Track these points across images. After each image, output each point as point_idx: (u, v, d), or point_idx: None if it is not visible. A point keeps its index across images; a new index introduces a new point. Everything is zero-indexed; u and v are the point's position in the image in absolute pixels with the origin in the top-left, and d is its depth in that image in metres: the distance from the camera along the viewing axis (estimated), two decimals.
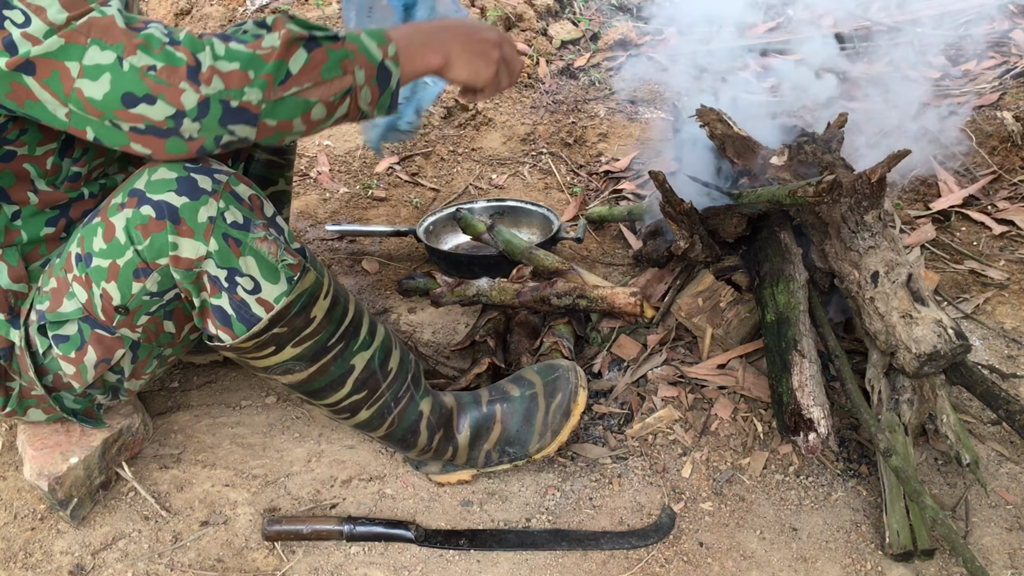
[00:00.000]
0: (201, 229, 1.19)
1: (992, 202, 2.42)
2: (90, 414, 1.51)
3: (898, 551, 1.41)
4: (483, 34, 1.34)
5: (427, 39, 1.29)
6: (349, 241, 2.50)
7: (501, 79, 1.37)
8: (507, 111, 2.98)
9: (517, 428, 1.55)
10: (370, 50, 1.21)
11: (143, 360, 1.39)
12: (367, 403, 1.43)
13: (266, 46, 1.12)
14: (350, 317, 1.37)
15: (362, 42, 1.20)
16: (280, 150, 1.79)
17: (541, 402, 1.56)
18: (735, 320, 1.85)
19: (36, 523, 1.52)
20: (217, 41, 1.11)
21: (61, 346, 1.32)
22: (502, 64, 1.36)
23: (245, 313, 1.25)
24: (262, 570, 1.44)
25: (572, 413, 1.56)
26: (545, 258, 2.04)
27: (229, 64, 1.10)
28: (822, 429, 1.48)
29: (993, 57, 2.97)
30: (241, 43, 1.12)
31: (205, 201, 1.19)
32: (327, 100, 1.18)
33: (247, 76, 1.11)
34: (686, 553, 1.46)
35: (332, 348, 1.35)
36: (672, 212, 1.80)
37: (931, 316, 1.52)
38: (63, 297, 1.29)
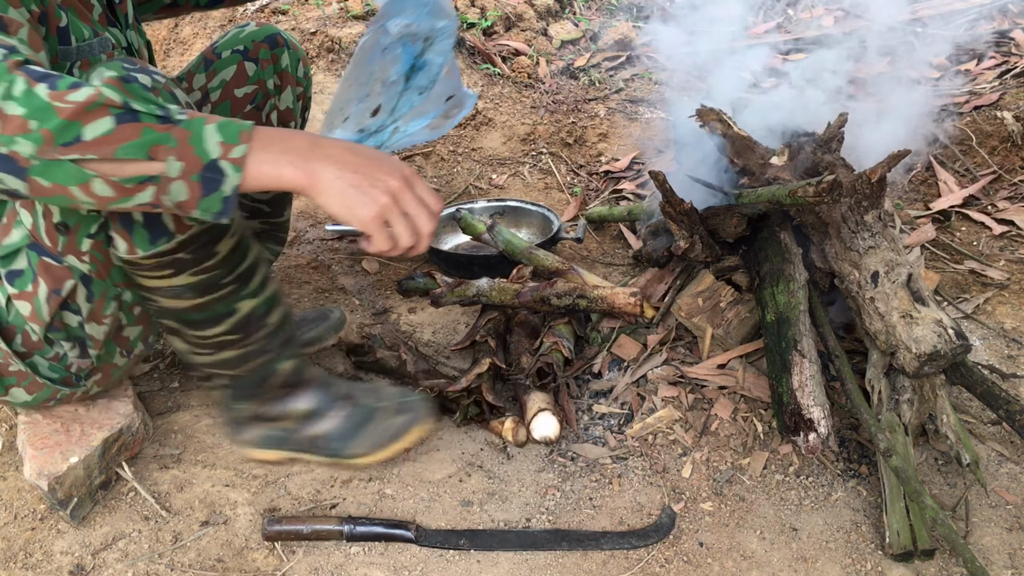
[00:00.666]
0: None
1: (992, 202, 2.42)
2: (69, 383, 1.49)
3: (898, 551, 1.41)
4: (377, 171, 1.14)
5: (298, 150, 1.11)
6: (349, 241, 2.50)
7: (397, 233, 1.16)
8: (507, 111, 2.98)
9: (349, 428, 1.55)
10: (205, 143, 1.05)
11: (99, 299, 1.38)
12: (235, 345, 1.43)
13: (69, 100, 1.02)
14: (248, 263, 1.37)
15: (201, 132, 1.05)
16: None
17: (386, 416, 1.56)
18: (735, 320, 1.85)
19: (36, 523, 1.52)
20: (25, 79, 1.02)
21: (16, 282, 1.33)
22: (396, 214, 1.15)
23: (155, 222, 1.23)
24: (262, 570, 1.44)
25: (404, 438, 1.54)
26: (545, 258, 2.04)
27: (16, 107, 1.01)
28: (822, 429, 1.48)
29: (993, 57, 2.97)
30: (52, 88, 1.02)
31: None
32: (112, 179, 1.05)
33: (26, 125, 1.01)
34: (686, 553, 1.46)
35: (224, 286, 1.35)
36: (672, 212, 1.80)
37: (931, 316, 1.52)
38: (11, 228, 1.31)
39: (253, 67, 1.69)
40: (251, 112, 1.72)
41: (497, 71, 3.13)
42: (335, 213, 1.14)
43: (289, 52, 1.73)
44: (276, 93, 1.74)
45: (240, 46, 1.69)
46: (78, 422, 1.57)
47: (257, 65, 1.69)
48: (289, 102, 1.77)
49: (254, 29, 1.71)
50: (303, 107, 1.82)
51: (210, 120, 1.07)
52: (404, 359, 1.86)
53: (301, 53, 1.77)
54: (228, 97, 1.69)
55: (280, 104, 1.75)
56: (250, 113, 1.72)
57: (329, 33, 3.13)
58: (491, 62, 3.17)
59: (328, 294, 2.24)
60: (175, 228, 1.25)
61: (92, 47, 1.30)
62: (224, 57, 1.68)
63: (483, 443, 1.71)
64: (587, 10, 3.74)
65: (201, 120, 1.07)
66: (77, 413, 1.59)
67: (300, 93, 1.79)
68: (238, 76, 1.68)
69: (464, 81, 2.98)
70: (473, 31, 3.28)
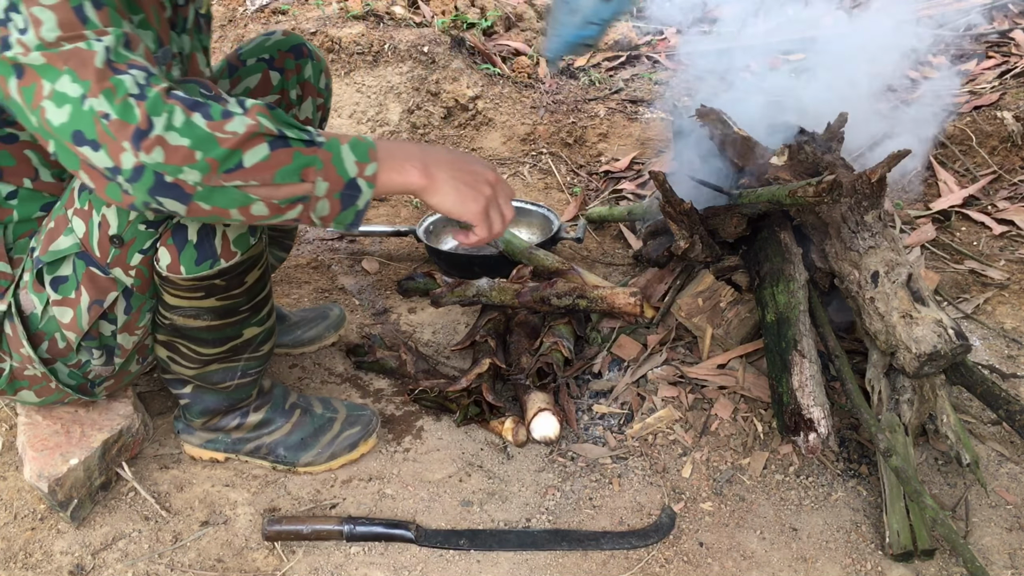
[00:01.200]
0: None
1: (992, 202, 2.42)
2: (84, 390, 1.50)
3: (898, 551, 1.41)
4: (478, 168, 1.28)
5: (414, 156, 1.23)
6: (349, 241, 2.50)
7: (493, 221, 1.29)
8: (507, 111, 2.98)
9: (301, 439, 1.63)
10: (344, 163, 1.15)
11: (136, 312, 1.40)
12: (224, 363, 1.49)
13: (228, 130, 1.09)
14: (266, 292, 1.44)
15: (339, 153, 1.15)
16: None
17: (336, 427, 1.65)
18: (735, 320, 1.85)
19: (36, 523, 1.52)
20: (181, 109, 1.08)
21: (60, 288, 1.34)
22: (494, 205, 1.28)
23: (208, 245, 1.29)
24: (262, 570, 1.44)
25: (357, 449, 1.65)
26: (545, 258, 2.04)
27: (179, 138, 1.07)
28: (822, 429, 1.48)
29: (993, 57, 2.97)
30: (207, 117, 1.08)
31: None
32: (271, 202, 1.14)
33: (192, 155, 1.08)
34: (686, 553, 1.46)
35: (241, 312, 1.41)
36: (672, 212, 1.80)
37: (931, 316, 1.52)
38: (60, 234, 1.32)
39: (278, 76, 1.70)
40: None
41: (497, 71, 3.13)
42: (448, 209, 1.25)
43: (312, 63, 1.74)
44: (297, 103, 1.75)
45: (266, 55, 1.69)
46: (78, 423, 1.57)
47: (282, 75, 1.70)
48: (309, 112, 1.77)
49: (280, 38, 1.71)
50: (322, 118, 1.83)
51: (342, 139, 1.16)
52: (404, 359, 1.86)
53: (324, 64, 1.78)
54: None
55: (300, 114, 1.76)
56: None
57: (329, 33, 3.13)
58: (491, 62, 3.17)
59: (328, 294, 2.24)
60: (222, 253, 1.30)
61: (158, 59, 1.29)
62: (249, 64, 1.68)
63: (483, 443, 1.71)
64: None
65: (336, 141, 1.16)
66: (77, 415, 1.59)
67: (320, 104, 1.79)
68: (263, 84, 1.69)
69: (464, 81, 2.98)
70: (473, 31, 3.28)
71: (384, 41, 3.01)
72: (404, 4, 3.28)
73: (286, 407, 1.64)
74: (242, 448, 1.63)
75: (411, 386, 1.80)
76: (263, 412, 1.62)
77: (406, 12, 3.22)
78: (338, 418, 1.66)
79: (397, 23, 3.14)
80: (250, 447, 1.63)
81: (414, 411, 1.80)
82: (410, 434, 1.74)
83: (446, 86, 2.94)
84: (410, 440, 1.72)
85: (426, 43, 3.01)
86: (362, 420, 1.67)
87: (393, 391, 1.87)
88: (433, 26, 3.16)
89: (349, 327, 2.07)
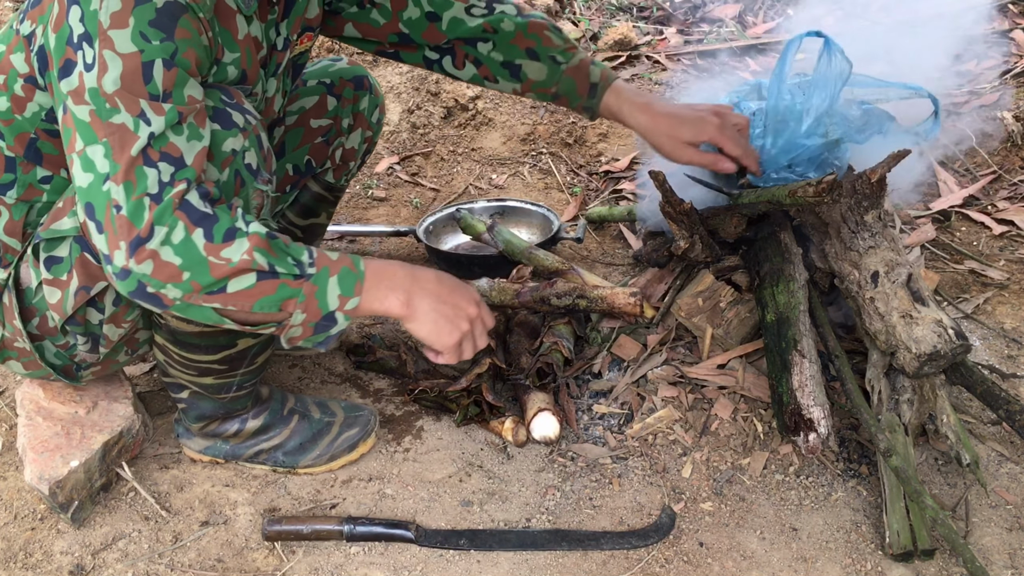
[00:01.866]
0: (222, 157, 1.23)
1: (992, 202, 2.42)
2: (68, 372, 1.50)
3: (898, 551, 1.41)
4: (461, 301, 1.33)
5: (400, 286, 1.28)
6: (349, 241, 2.50)
7: (464, 349, 1.35)
8: (507, 111, 2.98)
9: (300, 443, 1.62)
10: (327, 298, 1.21)
11: (125, 304, 1.40)
12: (219, 374, 1.49)
13: (223, 256, 1.13)
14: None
15: (325, 287, 1.20)
16: (332, 187, 1.84)
17: (335, 430, 1.64)
18: (735, 320, 1.85)
19: (36, 523, 1.52)
20: (184, 225, 1.12)
21: (52, 268, 1.35)
22: (468, 338, 1.34)
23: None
24: (262, 570, 1.44)
25: (356, 450, 1.65)
26: (545, 258, 2.04)
27: (173, 255, 1.12)
28: (822, 429, 1.48)
29: (993, 57, 2.97)
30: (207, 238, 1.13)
31: (235, 133, 1.23)
32: (243, 323, 1.20)
33: (179, 275, 1.13)
34: (686, 553, 1.46)
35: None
36: (672, 212, 1.80)
37: (931, 316, 1.52)
38: (65, 214, 1.33)
39: (334, 103, 1.71)
40: (320, 144, 1.74)
41: None
42: (423, 338, 1.32)
43: (370, 97, 1.76)
44: (347, 132, 1.76)
45: (328, 79, 1.70)
46: (78, 425, 1.57)
47: (339, 102, 1.71)
48: (356, 143, 1.79)
49: (345, 67, 1.73)
50: (367, 149, 1.84)
51: (333, 269, 1.21)
52: (404, 359, 1.86)
53: (381, 100, 1.79)
54: (303, 124, 1.70)
55: (347, 143, 1.78)
56: (319, 145, 1.74)
57: None
58: None
59: None
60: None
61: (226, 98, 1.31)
62: (309, 85, 1.70)
63: (483, 443, 1.71)
64: (587, 10, 3.74)
65: (326, 272, 1.20)
66: (77, 416, 1.59)
67: (368, 137, 1.81)
68: (318, 107, 1.70)
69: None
70: None
71: None
72: None
73: (284, 413, 1.64)
74: (242, 454, 1.62)
75: (411, 386, 1.80)
76: (262, 419, 1.61)
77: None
78: (336, 421, 1.66)
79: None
80: (249, 453, 1.62)
81: (414, 411, 1.80)
82: (410, 434, 1.74)
83: (446, 86, 2.94)
84: (410, 440, 1.72)
85: None
86: (360, 421, 1.67)
87: (393, 391, 1.87)
88: None
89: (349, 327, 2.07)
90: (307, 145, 1.73)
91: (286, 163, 1.73)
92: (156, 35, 1.12)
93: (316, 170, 1.79)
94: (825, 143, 1.67)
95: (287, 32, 1.43)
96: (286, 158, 1.73)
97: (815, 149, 1.68)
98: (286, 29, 1.42)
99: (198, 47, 1.17)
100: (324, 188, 1.83)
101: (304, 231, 1.88)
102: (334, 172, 1.81)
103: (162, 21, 1.12)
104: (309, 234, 1.89)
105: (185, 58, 1.15)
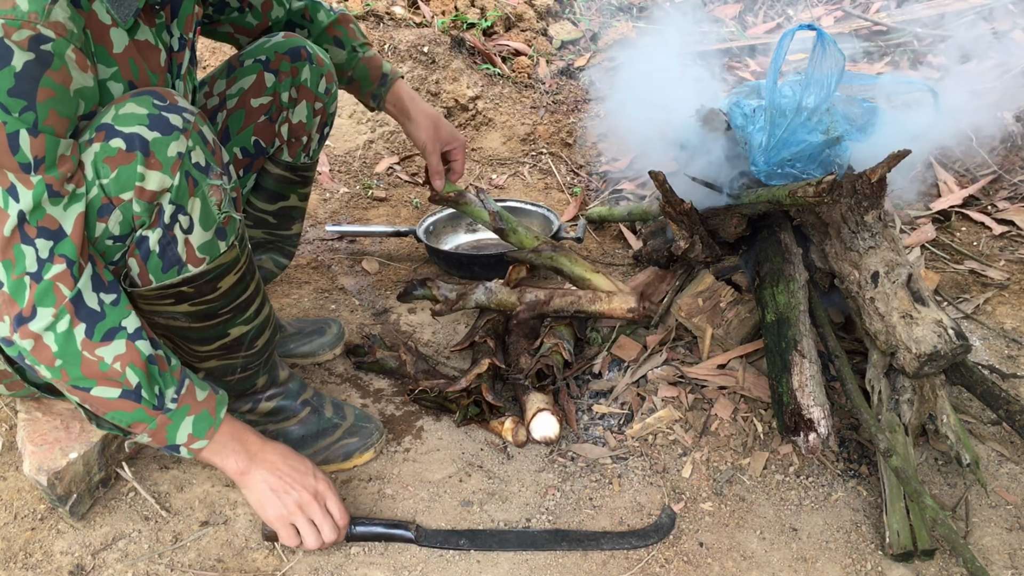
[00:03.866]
0: (170, 163, 1.22)
1: (992, 202, 2.42)
2: (53, 389, 1.49)
3: (898, 551, 1.41)
4: (296, 481, 1.40)
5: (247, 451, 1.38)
6: (349, 241, 2.50)
7: (304, 535, 1.39)
8: (507, 111, 2.98)
9: (302, 436, 1.63)
10: (176, 433, 1.31)
11: None
12: (220, 358, 1.49)
13: (98, 355, 1.21)
14: (248, 293, 1.42)
15: (179, 424, 1.31)
16: (294, 166, 1.78)
17: (338, 434, 1.65)
18: (735, 320, 1.85)
19: (36, 523, 1.52)
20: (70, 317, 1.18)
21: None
22: (302, 519, 1.39)
23: (171, 253, 1.28)
24: (262, 570, 1.44)
25: (351, 460, 1.65)
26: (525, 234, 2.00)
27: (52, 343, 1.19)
28: (822, 429, 1.48)
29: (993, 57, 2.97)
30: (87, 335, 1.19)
31: (176, 137, 1.22)
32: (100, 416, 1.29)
33: (53, 361, 1.20)
34: (686, 553, 1.46)
35: (221, 315, 1.41)
36: (672, 212, 1.80)
37: (931, 316, 1.52)
38: None
39: (272, 78, 1.67)
40: (264, 123, 1.70)
41: (497, 71, 3.13)
42: (251, 504, 1.40)
43: (312, 67, 1.70)
44: (290, 106, 1.71)
45: (263, 56, 1.67)
46: (78, 419, 1.57)
47: (276, 77, 1.67)
48: (303, 116, 1.73)
49: (279, 40, 1.68)
50: (322, 123, 1.77)
51: (193, 409, 1.32)
52: (404, 359, 1.86)
53: (327, 68, 1.73)
54: (244, 106, 1.68)
55: (293, 118, 1.72)
56: (263, 124, 1.70)
57: None
58: (491, 62, 3.17)
59: (328, 294, 2.24)
60: (188, 259, 1.29)
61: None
62: (246, 65, 1.67)
63: (483, 443, 1.71)
64: (587, 10, 3.74)
65: (185, 410, 1.31)
66: (77, 411, 1.59)
67: (319, 108, 1.74)
68: (256, 86, 1.67)
69: (464, 81, 2.98)
70: (473, 31, 3.28)
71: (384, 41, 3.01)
72: (404, 4, 3.28)
73: (298, 402, 1.64)
74: None
75: (411, 386, 1.80)
76: (275, 401, 1.62)
77: (406, 12, 3.22)
78: (343, 425, 1.66)
79: (397, 23, 3.13)
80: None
81: (414, 411, 1.80)
82: (410, 434, 1.74)
83: (446, 86, 2.94)
84: (410, 440, 1.72)
85: (426, 43, 3.01)
86: (363, 432, 1.66)
87: (393, 391, 1.87)
88: (433, 26, 3.16)
89: (349, 327, 2.07)
90: (251, 126, 1.70)
91: (233, 147, 1.70)
92: (16, 105, 1.10)
93: (268, 150, 1.74)
94: (826, 140, 1.67)
95: (180, 32, 1.42)
96: (232, 142, 1.70)
97: (816, 146, 1.68)
98: (178, 29, 1.42)
99: (64, 101, 1.15)
100: (286, 169, 1.77)
101: (276, 216, 1.83)
102: (288, 149, 1.76)
103: (22, 87, 1.09)
104: (283, 218, 1.84)
105: (48, 125, 1.13)
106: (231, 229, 1.33)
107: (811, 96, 1.65)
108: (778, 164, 1.71)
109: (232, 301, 1.40)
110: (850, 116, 1.76)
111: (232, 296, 1.39)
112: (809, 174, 1.70)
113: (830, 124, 1.68)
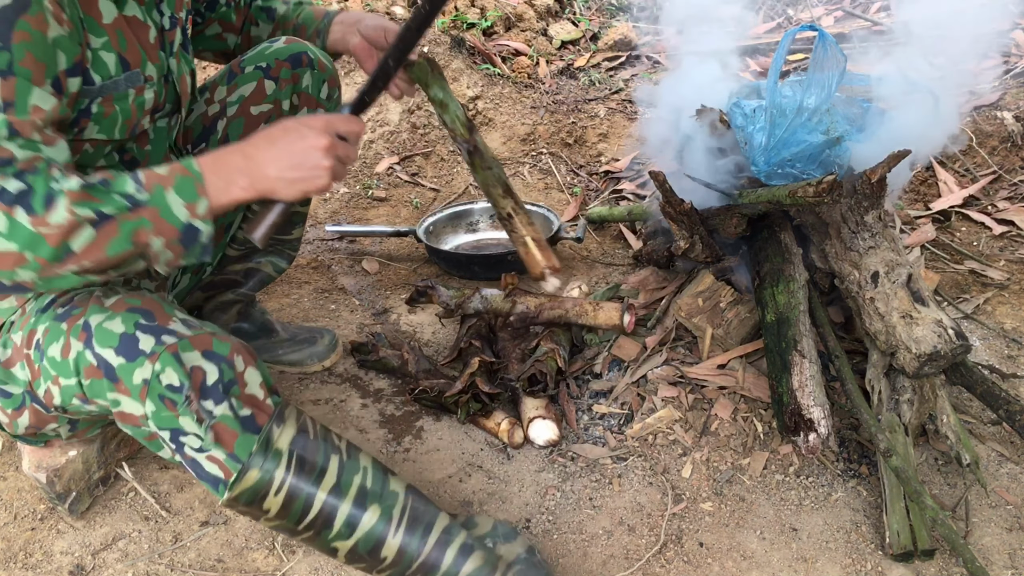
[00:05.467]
0: (137, 391, 1.16)
1: (992, 202, 2.42)
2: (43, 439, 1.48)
3: (898, 551, 1.41)
4: (301, 143, 1.23)
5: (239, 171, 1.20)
6: (349, 241, 2.50)
7: (337, 173, 1.27)
8: (507, 111, 2.98)
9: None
10: (173, 212, 1.15)
11: (83, 428, 1.43)
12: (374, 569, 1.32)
13: (52, 223, 1.08)
14: (314, 513, 1.24)
15: (166, 202, 1.15)
16: None
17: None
18: (735, 320, 1.85)
19: (36, 523, 1.52)
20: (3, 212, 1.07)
21: (2, 400, 1.33)
22: (339, 164, 1.26)
23: (202, 472, 1.20)
24: (262, 570, 1.44)
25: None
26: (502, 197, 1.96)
27: (7, 243, 1.08)
28: (822, 429, 1.48)
29: (993, 57, 2.97)
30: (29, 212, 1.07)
31: (141, 363, 1.15)
32: (109, 271, 1.16)
33: (23, 258, 1.09)
34: (686, 553, 1.46)
35: (303, 532, 1.26)
36: (672, 212, 1.80)
37: (931, 316, 1.52)
38: (16, 364, 1.28)
39: (272, 86, 1.65)
40: None
41: (497, 71, 3.13)
42: (296, 199, 1.25)
43: (313, 72, 1.67)
44: (292, 114, 1.68)
45: (263, 63, 1.64)
46: None
47: (276, 84, 1.65)
48: None
49: (281, 46, 1.66)
50: None
51: (167, 182, 1.16)
52: (406, 358, 1.86)
53: (330, 73, 1.71)
54: (244, 114, 1.66)
55: None
56: None
57: None
58: (491, 62, 3.17)
59: (328, 294, 2.24)
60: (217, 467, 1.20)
61: (118, 84, 1.27)
62: (247, 72, 1.64)
63: (483, 443, 1.71)
64: (587, 10, 3.74)
65: (160, 189, 1.15)
66: None
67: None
68: (256, 93, 1.65)
69: (464, 81, 2.98)
70: (473, 31, 3.28)
71: None
72: (404, 4, 3.28)
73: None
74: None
75: (411, 386, 1.80)
76: None
77: (406, 12, 3.22)
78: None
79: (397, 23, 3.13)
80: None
81: (414, 411, 1.80)
82: (410, 434, 1.74)
83: None
84: (410, 440, 1.72)
85: (426, 43, 3.01)
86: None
87: (393, 391, 1.87)
88: (433, 26, 3.16)
89: (349, 327, 2.07)
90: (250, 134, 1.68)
91: None
92: None
93: None
94: (826, 140, 1.67)
95: (171, 11, 1.41)
96: None
97: (816, 146, 1.68)
98: (169, 8, 1.40)
99: (41, 46, 1.11)
100: None
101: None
102: None
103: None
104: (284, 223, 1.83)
105: (24, 66, 1.09)
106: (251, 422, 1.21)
107: (812, 96, 1.65)
108: (778, 164, 1.71)
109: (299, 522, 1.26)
110: (850, 116, 1.76)
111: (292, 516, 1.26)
112: (809, 174, 1.70)
113: (830, 124, 1.68)
